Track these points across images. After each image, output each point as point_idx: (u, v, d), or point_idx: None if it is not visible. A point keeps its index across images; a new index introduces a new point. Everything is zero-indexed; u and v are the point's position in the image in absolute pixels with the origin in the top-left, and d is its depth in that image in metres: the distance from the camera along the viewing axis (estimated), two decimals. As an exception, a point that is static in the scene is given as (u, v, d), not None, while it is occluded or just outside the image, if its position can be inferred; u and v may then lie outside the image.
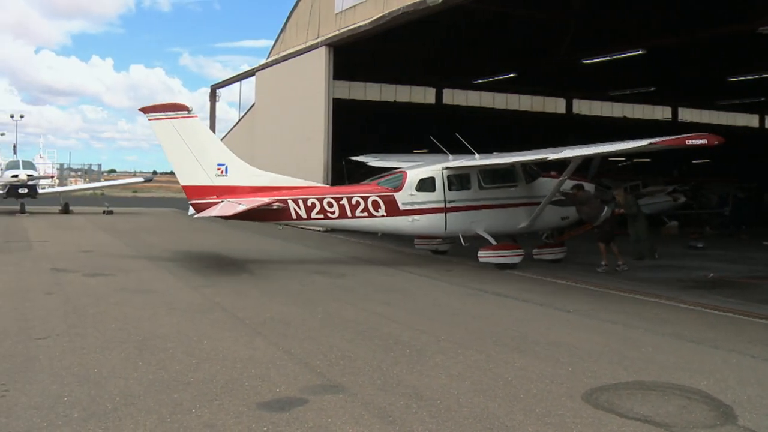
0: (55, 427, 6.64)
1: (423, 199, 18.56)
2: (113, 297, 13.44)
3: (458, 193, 18.81)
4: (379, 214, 18.31)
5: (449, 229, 18.84)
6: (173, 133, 18.17)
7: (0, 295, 13.36)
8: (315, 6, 30.95)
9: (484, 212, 18.86)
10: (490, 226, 18.82)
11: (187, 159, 18.30)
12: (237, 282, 15.42)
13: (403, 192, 18.49)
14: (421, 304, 13.33)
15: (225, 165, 18.50)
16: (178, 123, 18.13)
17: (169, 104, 18.60)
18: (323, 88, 28.61)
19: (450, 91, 51.35)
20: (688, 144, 13.86)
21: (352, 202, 18.24)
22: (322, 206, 18.15)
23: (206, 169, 18.36)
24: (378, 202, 18.33)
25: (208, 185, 18.33)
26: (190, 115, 18.38)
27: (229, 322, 11.29)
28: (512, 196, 19.17)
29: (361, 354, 9.38)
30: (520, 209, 19.06)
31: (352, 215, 18.25)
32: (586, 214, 18.82)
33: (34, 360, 8.88)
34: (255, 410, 7.15)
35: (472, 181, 18.97)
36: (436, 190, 18.66)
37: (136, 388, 7.76)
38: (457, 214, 18.69)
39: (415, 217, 18.46)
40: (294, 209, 18.09)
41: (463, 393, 7.80)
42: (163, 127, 18.24)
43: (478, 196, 18.92)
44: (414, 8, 23.22)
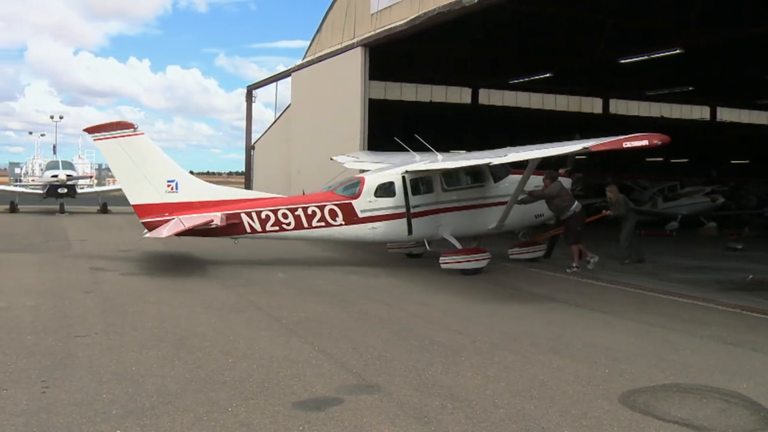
0: (93, 423, 6.72)
1: (382, 205, 17.86)
2: (151, 296, 13.58)
3: (420, 197, 18.02)
4: (337, 222, 17.76)
5: (413, 235, 18.10)
6: (120, 152, 17.81)
7: (40, 294, 13.54)
8: (351, 7, 30.96)
9: (449, 215, 18.11)
10: (457, 229, 18.15)
11: (136, 177, 18.00)
12: (271, 282, 15.49)
13: (360, 199, 17.81)
14: (455, 305, 13.30)
15: (175, 181, 18.18)
16: (124, 141, 17.76)
17: (114, 123, 18.23)
18: (359, 89, 28.58)
19: (486, 91, 51.14)
20: (627, 147, 13.15)
21: (307, 212, 17.73)
22: (276, 218, 17.71)
23: (156, 187, 18.02)
24: (335, 211, 17.74)
25: (159, 203, 17.98)
26: (136, 132, 17.97)
27: (264, 322, 11.37)
28: (479, 197, 18.37)
29: (397, 354, 9.39)
30: (489, 210, 18.23)
31: (308, 226, 17.73)
32: (555, 207, 18.05)
33: (73, 357, 9.00)
34: (290, 409, 7.18)
35: (435, 183, 18.17)
36: (396, 195, 17.92)
37: (173, 387, 7.83)
38: (421, 219, 17.91)
39: (375, 224, 17.81)
40: (248, 222, 17.72)
41: (498, 394, 7.79)
42: (108, 146, 17.88)
43: (442, 198, 18.15)
44: (450, 8, 23.13)
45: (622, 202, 20.44)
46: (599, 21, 29.52)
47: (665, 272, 17.93)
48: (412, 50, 33.71)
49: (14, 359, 8.86)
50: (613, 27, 29.79)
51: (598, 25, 29.90)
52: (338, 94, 30.03)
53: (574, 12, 28.45)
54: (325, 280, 15.80)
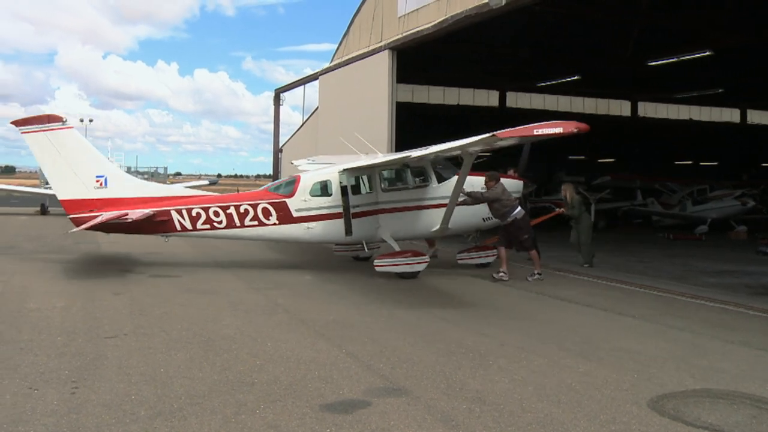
0: (123, 424, 6.76)
1: (318, 205, 17.50)
2: (179, 298, 13.66)
3: (359, 196, 17.63)
4: (271, 222, 17.39)
5: (352, 236, 17.63)
6: (48, 146, 17.58)
7: (70, 295, 13.66)
8: (378, 10, 31.02)
9: (389, 216, 17.54)
10: (398, 231, 17.57)
11: (64, 172, 17.71)
12: (299, 284, 15.51)
13: (295, 198, 17.45)
14: (483, 309, 13.27)
15: (104, 177, 17.90)
16: (52, 135, 17.55)
17: (42, 116, 17.93)
18: (386, 92, 28.63)
19: (513, 94, 50.98)
20: (538, 134, 12.61)
21: (240, 210, 17.39)
22: (207, 216, 17.37)
23: (84, 182, 17.71)
24: (269, 210, 17.38)
25: (87, 198, 17.70)
26: (65, 126, 17.73)
27: (292, 324, 11.39)
28: (422, 198, 17.68)
29: (424, 357, 9.38)
30: (432, 211, 17.46)
31: (240, 224, 17.40)
32: (495, 211, 17.06)
33: (102, 358, 9.07)
34: (318, 412, 7.19)
35: (374, 183, 17.68)
36: (332, 194, 17.55)
37: (201, 388, 7.87)
38: (360, 220, 17.46)
39: (310, 225, 17.42)
40: (178, 220, 17.39)
41: (526, 398, 7.75)
42: (36, 139, 17.66)
43: (381, 199, 17.58)
44: (477, 11, 23.11)
45: (577, 203, 19.90)
46: (627, 23, 29.35)
47: (694, 276, 17.79)
48: (440, 53, 33.68)
49: (45, 360, 8.94)
50: (641, 29, 29.62)
51: (627, 27, 29.74)
52: (366, 97, 30.09)
53: (602, 14, 28.29)
54: (353, 283, 15.80)
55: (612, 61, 35.50)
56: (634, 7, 27.48)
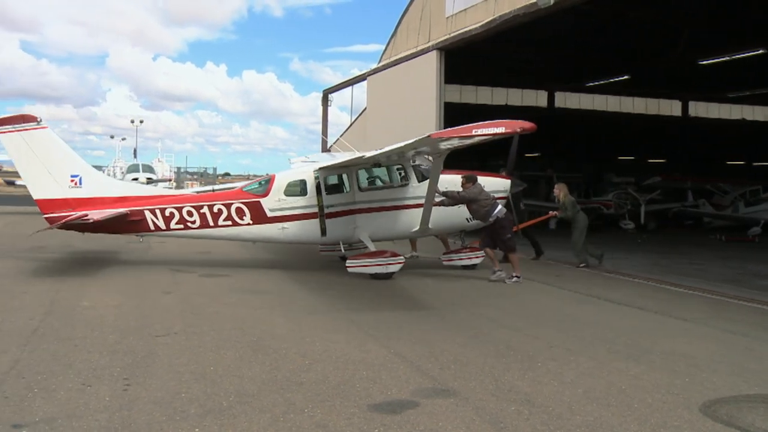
0: (173, 422, 6.85)
1: (292, 204, 17.27)
2: (228, 297, 13.78)
3: (335, 196, 17.32)
4: (245, 222, 17.24)
5: (328, 236, 17.33)
6: (22, 145, 17.51)
7: (122, 294, 13.87)
8: (426, 10, 31.00)
9: (366, 216, 17.23)
10: (376, 232, 17.27)
11: (39, 171, 17.71)
12: (349, 284, 15.52)
13: (269, 197, 17.26)
14: (532, 310, 13.19)
15: (79, 176, 17.88)
16: (27, 135, 17.55)
17: (17, 116, 17.89)
18: (434, 92, 28.59)
19: (562, 94, 50.56)
20: (478, 134, 12.29)
21: (213, 210, 17.27)
22: (181, 216, 17.30)
23: (59, 181, 17.72)
24: (242, 210, 17.24)
25: (62, 198, 17.71)
26: (40, 126, 17.68)
27: (341, 324, 11.41)
28: (401, 198, 17.34)
29: (473, 358, 9.35)
30: (412, 211, 17.10)
31: (214, 224, 17.27)
32: (474, 212, 16.58)
33: (153, 356, 9.19)
34: (366, 412, 7.21)
35: (350, 182, 17.37)
36: (307, 193, 17.29)
37: (251, 387, 7.93)
38: (336, 220, 17.18)
39: (285, 225, 17.20)
40: (151, 220, 17.37)
41: (575, 400, 7.69)
42: (11, 139, 17.64)
43: (358, 198, 17.26)
44: (525, 11, 22.98)
45: (569, 204, 19.44)
46: (679, 22, 28.97)
47: (748, 279, 17.50)
48: (488, 53, 33.53)
49: (97, 357, 9.08)
50: (692, 27, 29.22)
51: (678, 25, 29.36)
52: (414, 97, 30.08)
53: (653, 13, 27.94)
54: (403, 283, 15.78)
55: (662, 60, 35.04)
56: (684, 6, 27.11)
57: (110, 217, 16.96)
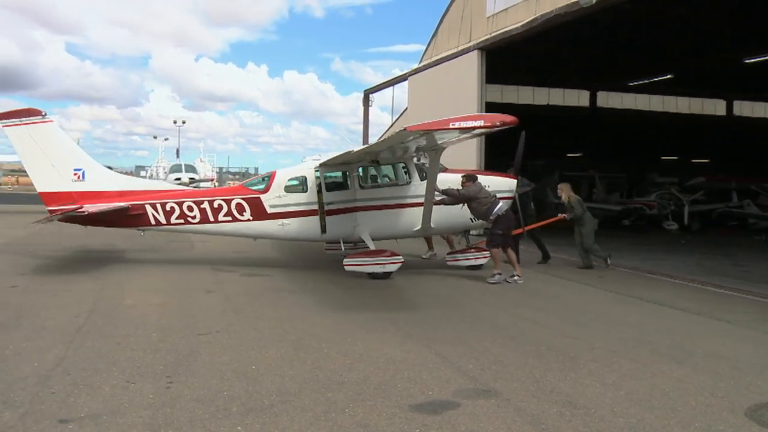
0: (215, 419, 6.90)
1: (292, 201, 17.22)
2: (269, 296, 13.87)
3: (335, 193, 17.16)
4: (245, 218, 17.22)
5: (328, 234, 17.18)
6: (28, 139, 17.88)
7: (165, 293, 14.02)
8: (466, 10, 30.93)
9: (367, 214, 17.05)
10: (377, 230, 17.11)
11: (43, 165, 17.95)
12: (386, 284, 15.52)
13: (269, 193, 17.24)
14: (573, 311, 13.08)
15: (82, 170, 18.07)
16: (32, 129, 17.81)
17: (22, 110, 18.11)
18: (475, 92, 28.52)
19: (604, 94, 50.24)
20: (455, 127, 11.98)
21: (213, 205, 17.27)
22: (181, 211, 17.34)
23: (62, 175, 17.94)
24: (242, 205, 17.22)
25: (65, 191, 17.91)
26: (45, 120, 17.90)
27: (381, 324, 11.41)
28: (403, 196, 17.17)
29: (514, 359, 9.31)
30: (414, 210, 16.86)
31: (214, 220, 17.28)
32: (474, 210, 16.38)
33: (196, 355, 9.27)
34: (407, 412, 7.20)
35: (351, 179, 17.19)
36: (308, 190, 17.22)
37: (292, 386, 7.96)
38: (336, 217, 17.04)
39: (285, 221, 17.16)
40: (152, 214, 17.42)
41: (618, 402, 7.63)
42: (17, 133, 17.90)
43: (360, 196, 17.10)
44: (567, 10, 22.85)
45: (576, 204, 18.98)
46: (722, 20, 28.57)
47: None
48: (530, 53, 33.38)
49: (141, 355, 9.19)
50: (737, 26, 28.81)
51: (721, 24, 28.96)
52: (455, 97, 30.00)
53: (695, 11, 27.59)
54: (441, 283, 15.77)
55: (706, 59, 34.64)
56: (726, 4, 26.73)
57: (106, 210, 17.17)
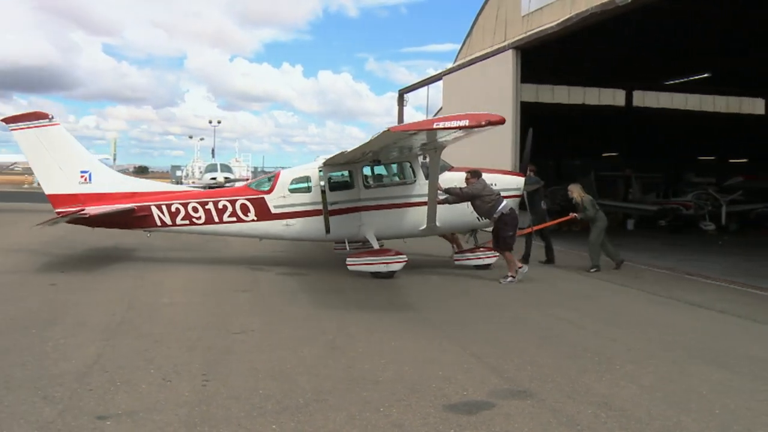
0: (251, 417, 6.95)
1: (297, 201, 17.20)
2: (304, 295, 13.93)
3: (339, 193, 17.05)
4: (249, 218, 17.24)
5: (332, 234, 17.13)
6: (35, 142, 18.03)
7: (201, 291, 14.13)
8: (501, 9, 30.80)
9: (372, 214, 16.92)
10: (382, 230, 17.00)
11: (51, 167, 18.12)
12: (423, 284, 15.50)
13: (274, 194, 17.23)
14: (609, 312, 12.99)
15: (88, 172, 18.21)
16: (40, 132, 17.95)
17: (30, 113, 18.27)
18: (510, 92, 28.38)
19: (640, 93, 49.79)
20: (439, 127, 11.74)
21: (218, 206, 17.32)
22: (186, 212, 17.41)
23: (69, 177, 18.10)
24: (247, 206, 17.24)
25: (72, 193, 18.06)
26: (52, 123, 18.04)
27: (417, 323, 11.42)
28: (408, 195, 16.99)
29: (549, 360, 9.27)
30: (419, 209, 16.60)
31: (219, 220, 17.33)
32: (477, 208, 16.14)
33: (231, 353, 9.34)
34: (442, 412, 7.20)
35: (356, 179, 17.04)
36: (312, 190, 17.18)
37: (327, 385, 7.99)
38: (340, 217, 16.96)
39: (289, 221, 17.14)
40: (158, 215, 17.52)
41: (654, 405, 7.56)
42: (25, 136, 18.05)
43: (364, 195, 16.98)
44: (602, 8, 22.66)
45: (588, 203, 18.40)
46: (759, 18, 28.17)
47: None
48: (565, 52, 33.18)
49: (177, 352, 9.27)
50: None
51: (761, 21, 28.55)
52: (489, 97, 29.87)
53: (732, 9, 27.23)
54: (478, 283, 15.70)
55: (743, 57, 34.18)
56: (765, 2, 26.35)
57: (108, 212, 17.33)
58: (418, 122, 12.25)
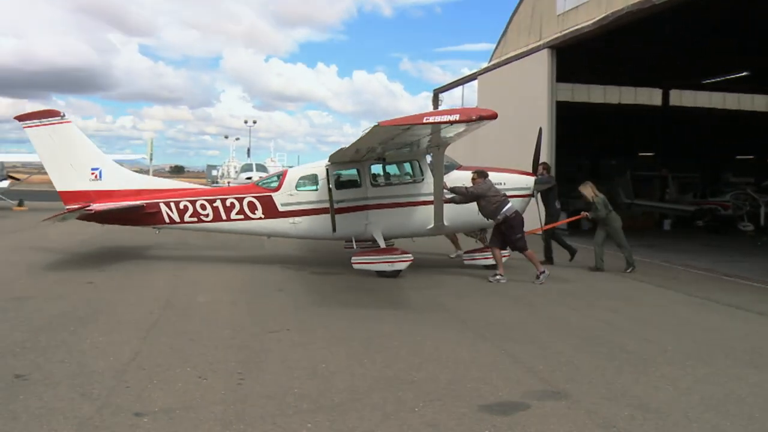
0: (286, 416, 6.97)
1: (303, 199, 17.20)
2: (339, 295, 13.95)
3: (346, 191, 17.01)
4: (256, 216, 17.28)
5: (339, 232, 17.01)
6: (48, 140, 18.24)
7: (236, 290, 14.20)
8: (536, 8, 30.68)
9: (379, 212, 16.88)
10: (389, 229, 16.98)
11: (62, 165, 18.33)
12: (459, 284, 15.46)
13: (281, 192, 17.26)
14: (646, 313, 12.86)
15: (99, 169, 18.40)
16: (52, 129, 18.17)
17: (43, 111, 18.46)
18: (546, 91, 28.25)
19: (677, 92, 49.22)
20: (429, 122, 11.59)
21: (226, 204, 17.39)
22: (194, 209, 17.51)
23: (80, 174, 18.29)
24: (254, 204, 17.27)
25: (83, 190, 18.26)
26: (63, 120, 18.23)
27: (451, 324, 11.39)
28: (416, 193, 16.91)
29: (585, 361, 9.20)
30: (427, 208, 16.53)
31: (227, 218, 17.39)
32: (482, 208, 15.99)
33: (266, 352, 9.37)
34: (477, 412, 7.17)
35: (363, 177, 16.98)
36: (318, 188, 17.14)
37: (362, 384, 8.00)
38: (347, 215, 16.89)
39: (296, 219, 17.17)
40: (166, 212, 17.63)
41: (692, 407, 7.47)
42: (38, 134, 18.26)
43: (371, 194, 16.92)
44: (639, 7, 22.49)
45: (600, 203, 17.97)
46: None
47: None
48: (601, 51, 32.93)
49: (213, 351, 9.33)
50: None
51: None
52: (525, 96, 29.77)
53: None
54: (514, 283, 15.60)
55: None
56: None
57: (114, 209, 17.54)
58: (408, 117, 12.09)
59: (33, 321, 10.92)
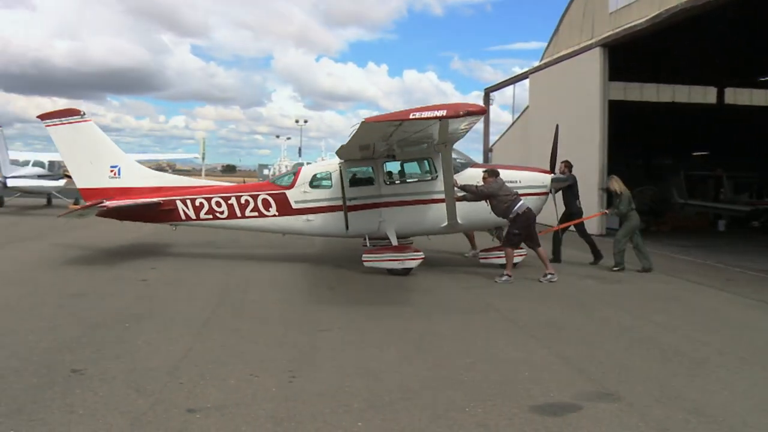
0: (336, 414, 7.00)
1: (317, 197, 17.23)
2: (390, 294, 13.97)
3: (359, 189, 16.96)
4: (271, 213, 17.36)
5: (352, 230, 16.99)
6: (69, 138, 18.57)
7: (287, 288, 14.31)
8: (588, 6, 30.36)
9: (392, 210, 16.80)
10: (403, 227, 16.89)
11: (83, 162, 18.63)
12: (509, 284, 15.38)
13: (295, 189, 17.29)
14: (700, 315, 12.68)
15: (118, 167, 18.67)
16: (73, 128, 18.51)
17: (63, 110, 18.75)
18: (598, 90, 27.97)
19: (732, 90, 48.39)
20: (416, 117, 11.62)
21: (240, 201, 17.49)
22: (210, 206, 17.67)
23: (100, 172, 18.57)
24: (269, 201, 17.36)
25: (102, 187, 18.50)
26: (84, 119, 18.52)
27: (502, 324, 11.36)
28: (429, 191, 16.80)
29: (638, 363, 9.10)
30: (440, 206, 16.36)
31: (241, 215, 17.50)
32: (493, 207, 15.88)
33: (317, 350, 9.43)
34: (527, 413, 7.14)
35: (376, 175, 16.96)
36: (332, 186, 17.14)
37: (412, 384, 8.00)
38: (360, 213, 16.88)
39: (309, 217, 17.20)
40: (182, 209, 17.82)
41: (748, 412, 7.35)
42: (59, 132, 18.62)
43: (385, 191, 16.87)
44: (693, 4, 22.12)
45: (627, 199, 17.58)
46: None
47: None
48: (654, 49, 32.51)
49: (264, 349, 9.42)
50: None
51: None
52: (577, 95, 29.50)
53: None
54: (564, 284, 15.48)
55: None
56: None
57: (128, 205, 17.79)
58: (394, 113, 12.18)
59: (89, 318, 11.11)
